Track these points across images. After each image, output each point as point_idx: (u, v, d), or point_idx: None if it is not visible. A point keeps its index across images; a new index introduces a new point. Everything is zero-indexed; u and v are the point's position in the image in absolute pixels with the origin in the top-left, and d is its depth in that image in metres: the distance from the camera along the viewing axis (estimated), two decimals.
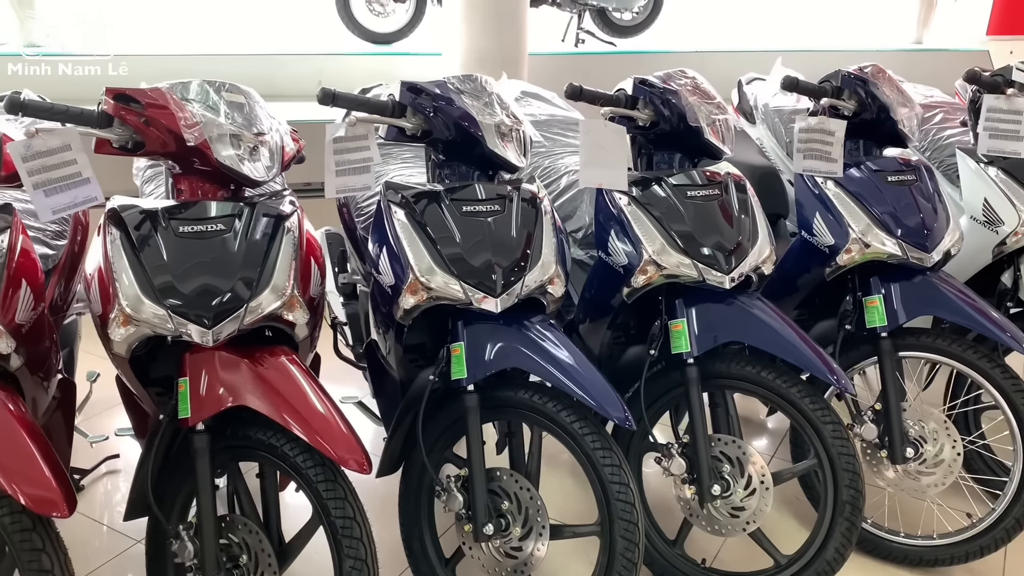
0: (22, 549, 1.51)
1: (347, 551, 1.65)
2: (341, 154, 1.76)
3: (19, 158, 1.54)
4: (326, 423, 1.66)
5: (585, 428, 1.85)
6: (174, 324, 1.63)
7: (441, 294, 1.83)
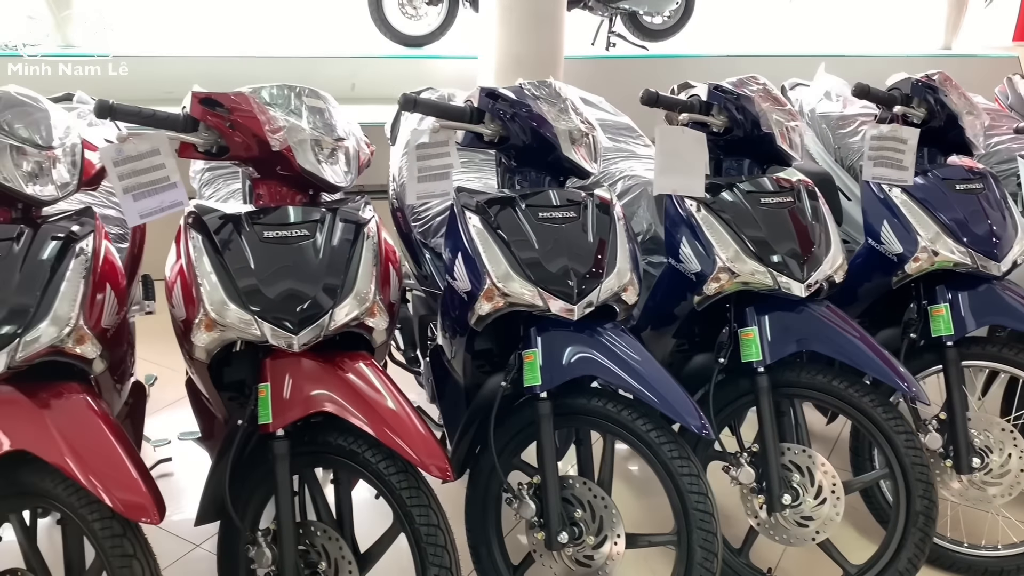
0: (113, 555, 1.50)
1: (431, 559, 1.64)
2: (424, 160, 1.76)
3: (110, 162, 1.54)
4: (408, 429, 1.65)
5: (662, 437, 1.84)
6: (260, 329, 1.63)
7: (518, 301, 1.83)
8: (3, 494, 1.57)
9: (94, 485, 1.47)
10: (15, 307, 1.51)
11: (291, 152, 1.68)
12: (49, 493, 1.56)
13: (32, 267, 1.55)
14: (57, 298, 1.55)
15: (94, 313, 1.60)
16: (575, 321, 1.86)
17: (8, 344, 1.49)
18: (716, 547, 1.81)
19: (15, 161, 1.56)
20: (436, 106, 1.84)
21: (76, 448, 1.50)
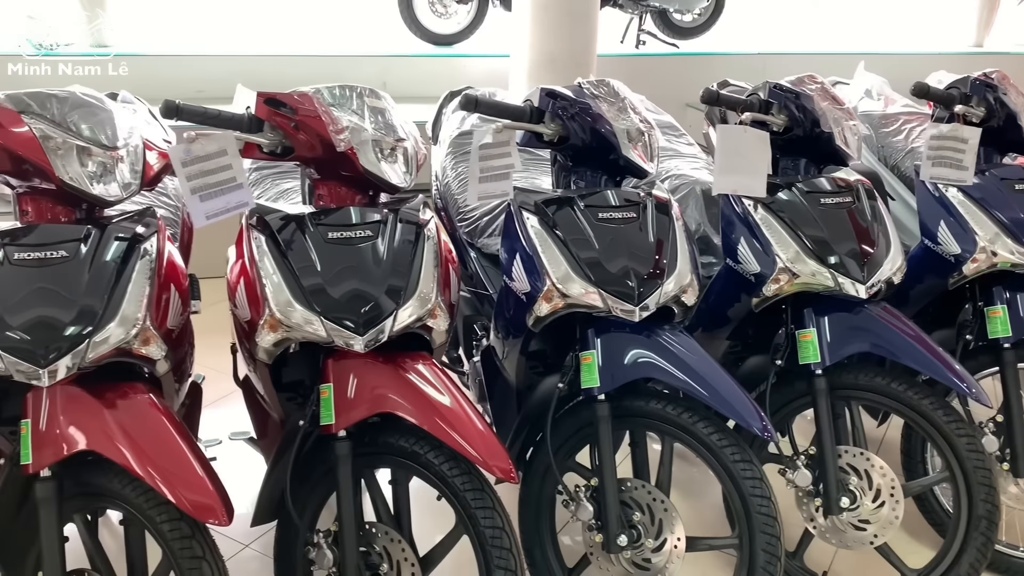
0: (182, 557, 1.50)
1: (496, 562, 1.63)
2: (486, 160, 1.75)
3: (179, 162, 1.53)
4: (471, 429, 1.64)
5: (723, 440, 1.82)
6: (325, 330, 1.62)
7: (578, 302, 1.81)
8: (69, 494, 1.56)
9: (163, 486, 1.47)
10: (84, 308, 1.51)
11: (355, 153, 1.68)
12: (116, 494, 1.56)
13: (99, 268, 1.55)
14: (124, 299, 1.54)
15: (160, 314, 1.60)
16: (633, 323, 1.85)
17: (78, 345, 1.49)
18: (779, 551, 1.79)
19: (81, 161, 1.56)
20: (498, 106, 1.83)
21: (145, 449, 1.50)
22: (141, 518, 1.54)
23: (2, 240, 1.52)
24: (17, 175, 1.56)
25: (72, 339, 1.49)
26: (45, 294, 1.50)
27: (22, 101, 1.54)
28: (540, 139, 1.88)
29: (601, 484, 1.87)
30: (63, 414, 1.52)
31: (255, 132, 1.65)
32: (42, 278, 1.51)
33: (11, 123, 1.51)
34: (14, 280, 1.49)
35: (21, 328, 1.47)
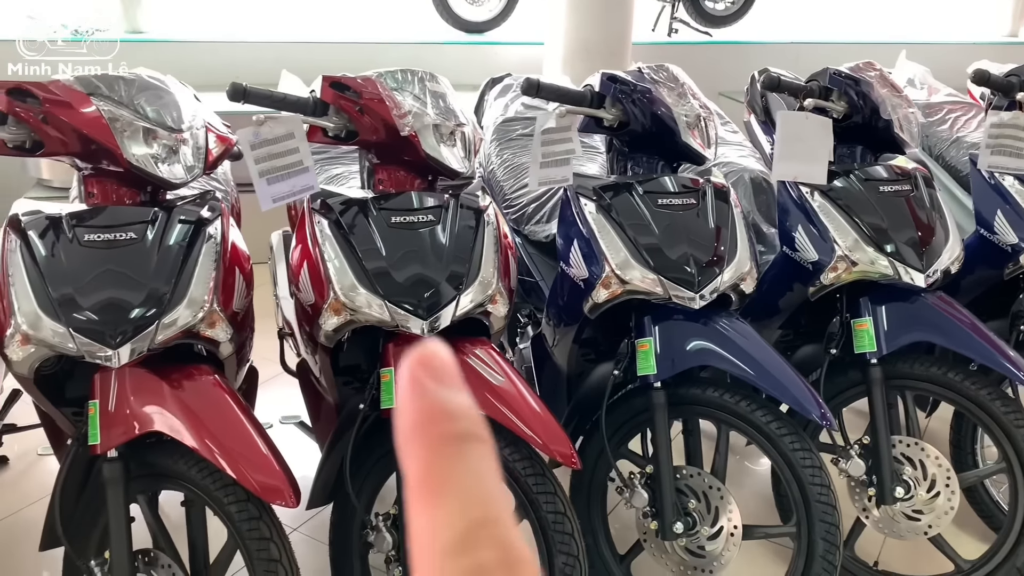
0: (250, 538, 1.51)
1: (559, 547, 1.63)
2: (548, 146, 1.74)
3: (247, 145, 1.53)
4: (533, 415, 1.64)
5: (782, 428, 1.82)
6: (389, 314, 1.62)
7: (637, 288, 1.81)
8: (135, 475, 1.58)
9: (231, 468, 1.48)
10: (153, 290, 1.51)
11: (416, 137, 1.67)
12: (182, 475, 1.57)
13: (166, 250, 1.55)
14: (192, 282, 1.55)
15: (225, 297, 1.60)
16: (690, 310, 1.84)
17: (148, 327, 1.50)
18: (838, 540, 1.79)
19: (147, 143, 1.56)
20: (559, 90, 1.82)
21: (213, 431, 1.50)
22: (207, 499, 1.55)
23: (71, 221, 1.53)
24: (84, 157, 1.57)
25: (142, 321, 1.50)
26: (114, 275, 1.51)
27: (91, 83, 1.55)
28: (599, 124, 1.87)
29: (657, 471, 1.86)
30: (131, 395, 1.53)
31: (320, 116, 1.65)
32: (111, 259, 1.52)
33: (81, 104, 1.52)
34: (84, 261, 1.50)
35: (92, 309, 1.48)
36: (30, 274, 1.50)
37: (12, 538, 2.29)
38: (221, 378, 1.61)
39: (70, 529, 1.65)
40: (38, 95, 1.50)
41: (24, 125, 1.51)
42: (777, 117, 1.90)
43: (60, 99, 1.51)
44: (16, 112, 1.50)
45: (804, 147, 1.86)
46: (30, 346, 1.49)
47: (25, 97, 1.51)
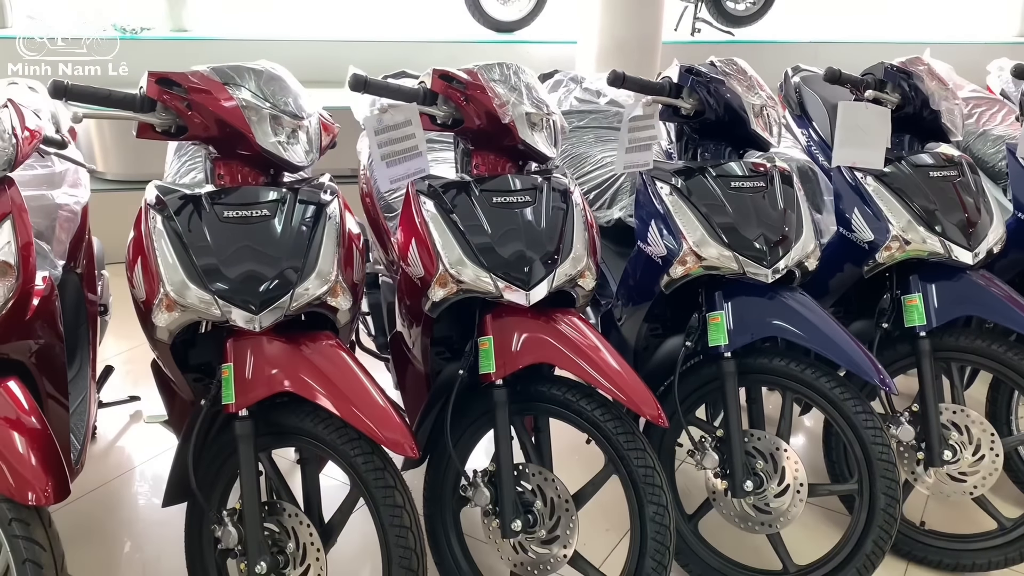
0: (376, 487, 1.66)
1: (649, 498, 1.79)
2: (633, 132, 1.89)
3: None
4: (620, 376, 1.78)
5: (846, 393, 1.97)
6: (494, 284, 1.76)
7: (713, 264, 1.96)
8: (263, 432, 1.72)
9: (359, 423, 1.62)
10: (287, 263, 1.66)
11: (514, 124, 1.82)
12: (307, 432, 1.72)
13: (295, 228, 1.70)
14: (319, 256, 1.70)
15: (346, 270, 1.75)
16: (760, 285, 1.99)
17: (283, 296, 1.65)
18: (899, 495, 1.94)
19: (274, 130, 1.71)
20: (643, 82, 1.97)
21: (340, 390, 1.65)
22: (333, 453, 1.70)
23: (212, 200, 1.68)
24: (219, 141, 1.72)
25: (277, 291, 1.65)
26: (251, 249, 1.65)
27: (226, 73, 1.70)
28: (676, 113, 2.02)
29: (727, 435, 2.02)
30: (264, 359, 1.68)
31: (430, 105, 1.80)
32: (248, 235, 1.67)
33: (220, 93, 1.67)
34: (225, 236, 1.65)
35: (234, 279, 1.63)
36: (175, 247, 1.65)
37: (105, 507, 2.43)
38: (340, 343, 1.76)
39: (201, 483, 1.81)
40: (183, 84, 1.65)
41: (171, 111, 1.66)
42: (839, 107, 2.06)
43: (202, 88, 1.65)
44: (165, 99, 1.65)
45: (863, 135, 2.02)
46: (175, 312, 1.64)
47: (171, 86, 1.66)
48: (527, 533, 1.85)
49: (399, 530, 1.65)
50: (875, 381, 1.91)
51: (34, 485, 1.55)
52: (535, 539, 1.86)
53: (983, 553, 2.19)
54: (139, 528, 2.36)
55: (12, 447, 1.59)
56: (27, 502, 1.53)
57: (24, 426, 1.64)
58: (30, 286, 1.72)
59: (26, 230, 1.74)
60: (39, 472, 1.57)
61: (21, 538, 1.55)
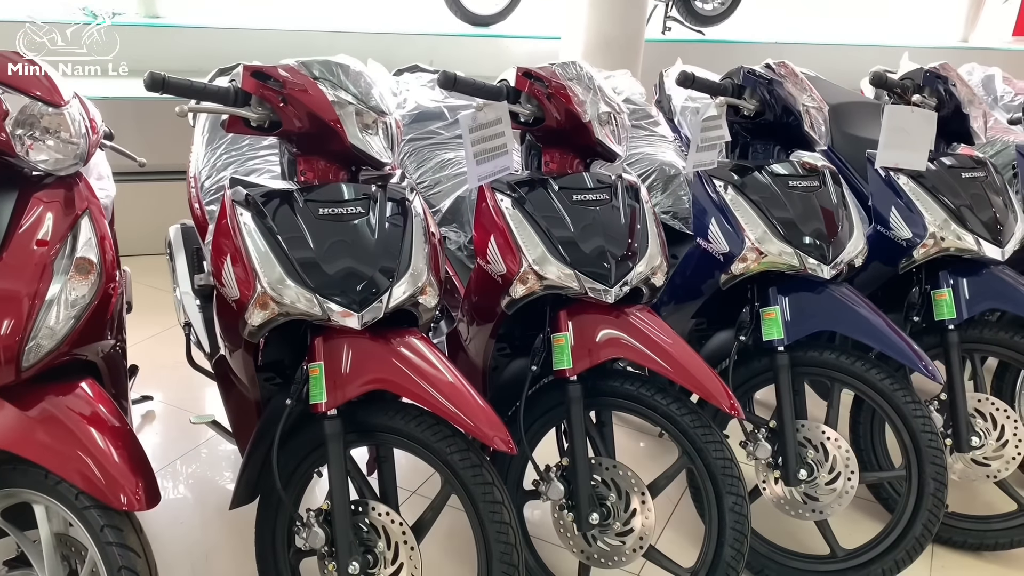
0: (474, 483, 1.67)
1: (728, 488, 1.84)
2: (705, 132, 1.94)
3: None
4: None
5: (895, 384, 2.07)
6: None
7: (778, 262, 2.03)
8: (349, 430, 1.71)
9: (456, 420, 1.63)
10: (384, 262, 1.65)
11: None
12: (398, 431, 1.72)
13: (388, 226, 1.69)
14: (412, 255, 1.69)
15: (435, 267, 1.75)
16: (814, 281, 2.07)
17: (382, 295, 1.64)
18: (946, 480, 2.05)
19: (361, 125, 1.69)
20: (708, 83, 2.02)
21: (434, 386, 1.65)
22: (427, 450, 1.70)
23: (303, 196, 1.65)
24: (305, 137, 1.69)
25: (377, 289, 1.64)
26: (348, 247, 1.64)
27: (316, 67, 1.67)
28: (736, 112, 2.08)
29: (780, 426, 2.09)
30: (357, 357, 1.67)
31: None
32: (344, 232, 1.65)
33: (312, 88, 1.64)
34: (322, 233, 1.63)
35: (335, 277, 1.61)
36: (270, 244, 1.62)
37: None
38: (426, 339, 1.75)
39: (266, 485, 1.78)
40: (277, 78, 1.62)
41: (267, 106, 1.63)
42: (884, 110, 2.15)
43: (296, 82, 1.63)
44: (263, 94, 1.62)
45: (907, 138, 2.11)
46: (270, 310, 1.61)
47: (266, 79, 1.63)
48: (601, 527, 1.88)
49: (499, 526, 1.66)
50: (924, 371, 2.00)
51: (125, 488, 1.51)
52: (609, 531, 1.89)
53: (1006, 533, 2.32)
54: (181, 532, 2.31)
55: (99, 449, 1.54)
56: (120, 506, 1.49)
57: (108, 426, 1.59)
58: (112, 284, 1.66)
59: (102, 225, 1.69)
60: (128, 475, 1.53)
61: (116, 544, 1.52)
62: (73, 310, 1.57)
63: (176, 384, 2.99)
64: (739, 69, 2.10)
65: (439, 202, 2.46)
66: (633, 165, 2.63)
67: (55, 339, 1.55)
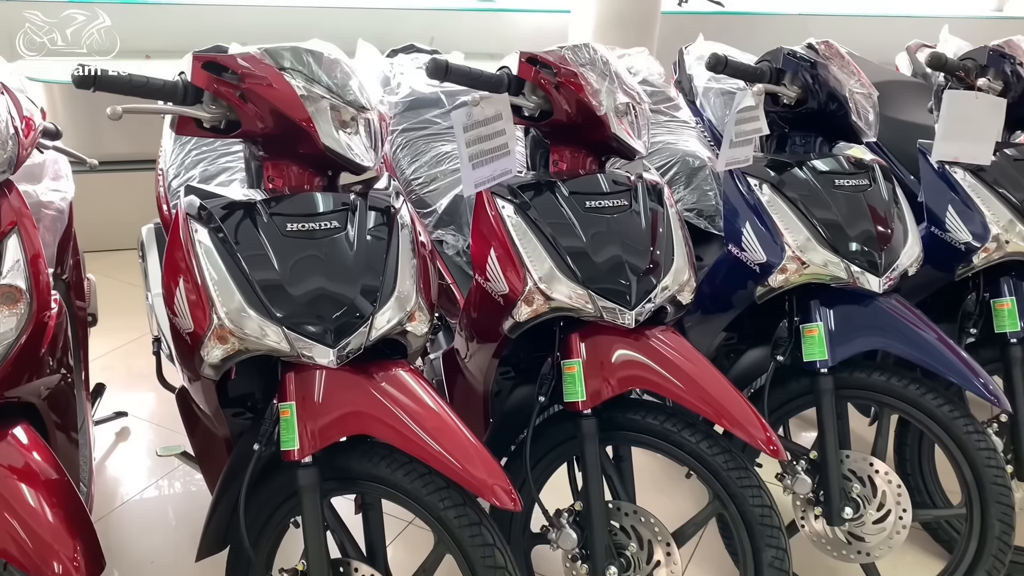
0: (472, 545, 1.42)
1: (767, 540, 1.60)
2: (740, 124, 1.67)
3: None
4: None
5: (954, 411, 1.81)
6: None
7: (822, 273, 1.77)
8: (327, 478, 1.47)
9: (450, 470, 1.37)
10: (364, 285, 1.40)
11: (607, 118, 1.59)
12: (382, 479, 1.48)
13: (369, 241, 1.44)
14: (398, 275, 1.44)
15: (425, 288, 1.50)
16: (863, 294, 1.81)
17: (362, 324, 1.39)
18: (1014, 521, 1.80)
19: (335, 124, 1.43)
20: (743, 68, 1.75)
21: (424, 430, 1.39)
22: (418, 505, 1.45)
23: (268, 208, 1.40)
24: (273, 139, 1.44)
25: (356, 319, 1.39)
26: (321, 268, 1.39)
27: (281, 56, 1.41)
28: (774, 101, 1.81)
29: (822, 457, 1.84)
30: (333, 396, 1.42)
31: (516, 94, 1.54)
32: (316, 250, 1.40)
33: (277, 81, 1.38)
34: (289, 253, 1.38)
35: (304, 305, 1.36)
36: (229, 267, 1.37)
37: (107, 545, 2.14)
38: (415, 373, 1.51)
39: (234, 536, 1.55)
40: (237, 70, 1.36)
41: (222, 103, 1.37)
42: (945, 96, 1.87)
43: (258, 74, 1.37)
44: (217, 89, 1.36)
45: (971, 127, 1.84)
46: (230, 344, 1.37)
47: (221, 71, 1.37)
48: None
49: None
50: (994, 401, 1.75)
51: (60, 555, 1.30)
52: None
53: None
54: (151, 573, 2.08)
55: (29, 510, 1.32)
56: None
57: (42, 482, 1.37)
58: (45, 313, 1.42)
59: (33, 243, 1.44)
60: (65, 538, 1.31)
61: None
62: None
63: (153, 397, 2.75)
64: (778, 51, 1.82)
65: (435, 201, 2.20)
66: (652, 156, 2.35)
67: None
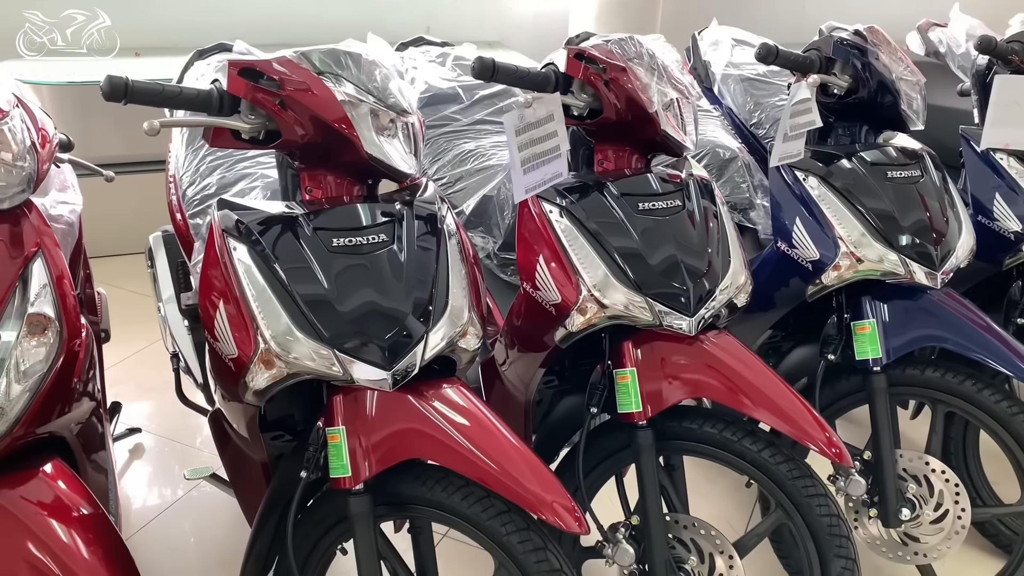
0: (539, 571, 1.34)
1: (836, 551, 1.54)
2: (795, 117, 1.60)
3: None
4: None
5: (1014, 407, 1.76)
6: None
7: (878, 268, 1.70)
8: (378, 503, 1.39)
9: (512, 493, 1.30)
10: (416, 301, 1.32)
11: (658, 116, 1.51)
12: (437, 504, 1.40)
13: (419, 254, 1.35)
14: (449, 289, 1.36)
15: (476, 300, 1.42)
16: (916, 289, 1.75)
17: (417, 344, 1.31)
18: None
19: (379, 130, 1.34)
20: (794, 58, 1.67)
21: (482, 452, 1.31)
22: (477, 530, 1.38)
23: (310, 222, 1.31)
24: (313, 148, 1.35)
25: (410, 338, 1.30)
26: (371, 285, 1.30)
27: (321, 60, 1.31)
28: (825, 92, 1.74)
29: (877, 457, 1.79)
30: (385, 420, 1.34)
31: (565, 92, 1.46)
32: (366, 267, 1.31)
33: (317, 87, 1.29)
34: (338, 270, 1.29)
35: (355, 326, 1.28)
36: (272, 285, 1.28)
37: None
38: (468, 390, 1.43)
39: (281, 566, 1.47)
40: (274, 76, 1.27)
41: (260, 112, 1.28)
42: (995, 81, 1.81)
43: (299, 80, 1.28)
44: (255, 97, 1.27)
45: (1022, 113, 1.78)
46: (276, 368, 1.28)
47: (258, 78, 1.27)
48: None
49: None
50: None
51: None
52: None
53: None
54: None
55: (67, 551, 1.24)
56: None
57: (75, 519, 1.29)
58: (75, 341, 1.32)
59: (57, 264, 1.35)
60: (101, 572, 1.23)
61: None
62: (28, 382, 1.24)
63: (167, 409, 2.64)
64: (827, 39, 1.75)
65: (462, 202, 2.11)
66: None
67: (6, 422, 1.21)
